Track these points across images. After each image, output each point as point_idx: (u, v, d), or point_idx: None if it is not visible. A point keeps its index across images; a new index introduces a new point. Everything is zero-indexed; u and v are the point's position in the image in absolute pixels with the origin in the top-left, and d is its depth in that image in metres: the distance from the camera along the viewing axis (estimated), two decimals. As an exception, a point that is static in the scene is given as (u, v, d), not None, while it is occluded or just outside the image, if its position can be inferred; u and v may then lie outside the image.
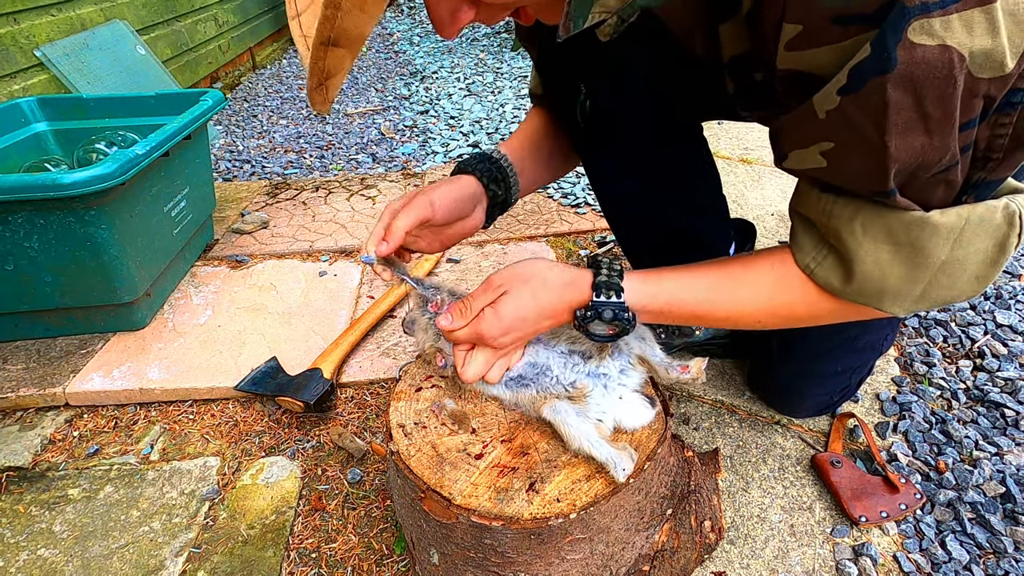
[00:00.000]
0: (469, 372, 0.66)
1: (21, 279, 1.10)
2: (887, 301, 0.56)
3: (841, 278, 0.57)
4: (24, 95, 1.79)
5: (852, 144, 0.48)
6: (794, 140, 0.53)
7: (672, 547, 0.70)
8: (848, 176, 0.51)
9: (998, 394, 1.00)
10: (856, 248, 0.54)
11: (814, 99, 0.48)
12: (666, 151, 0.84)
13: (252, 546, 0.83)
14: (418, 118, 2.55)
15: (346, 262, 1.47)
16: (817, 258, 0.58)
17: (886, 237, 0.52)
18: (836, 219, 0.55)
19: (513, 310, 0.63)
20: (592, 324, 0.63)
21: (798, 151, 0.53)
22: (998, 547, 0.78)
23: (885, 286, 0.55)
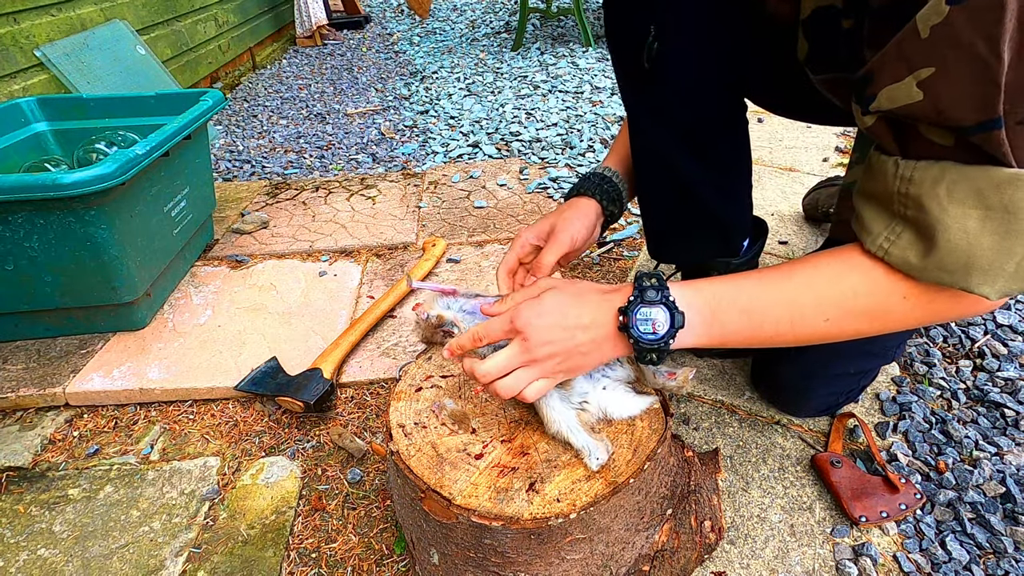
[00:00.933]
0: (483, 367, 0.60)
1: (21, 279, 1.10)
2: (976, 277, 0.49)
3: (920, 252, 0.50)
4: (24, 95, 1.79)
5: (958, 64, 0.44)
6: (887, 74, 0.48)
7: (672, 547, 0.70)
8: (949, 106, 0.45)
9: (998, 394, 1.00)
10: (940, 214, 0.48)
11: (918, 16, 0.44)
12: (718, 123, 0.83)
13: (252, 546, 0.83)
14: (418, 118, 2.55)
15: (346, 262, 1.47)
16: (891, 237, 0.52)
17: (975, 200, 0.47)
18: (917, 185, 0.49)
19: (554, 299, 0.59)
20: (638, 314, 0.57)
21: (891, 87, 0.48)
22: (998, 547, 0.78)
23: (973, 258, 0.48)
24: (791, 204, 1.62)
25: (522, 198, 1.75)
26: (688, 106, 0.80)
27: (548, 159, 2.02)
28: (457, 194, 1.80)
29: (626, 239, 1.52)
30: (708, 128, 0.83)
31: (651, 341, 0.57)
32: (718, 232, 0.93)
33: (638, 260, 1.42)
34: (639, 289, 0.58)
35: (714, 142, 0.85)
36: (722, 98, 0.83)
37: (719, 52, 0.77)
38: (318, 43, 4.13)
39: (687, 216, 0.91)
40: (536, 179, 1.86)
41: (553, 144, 2.13)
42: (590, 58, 3.22)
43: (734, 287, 0.59)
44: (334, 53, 3.90)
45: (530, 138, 2.20)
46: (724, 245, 0.96)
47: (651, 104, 0.81)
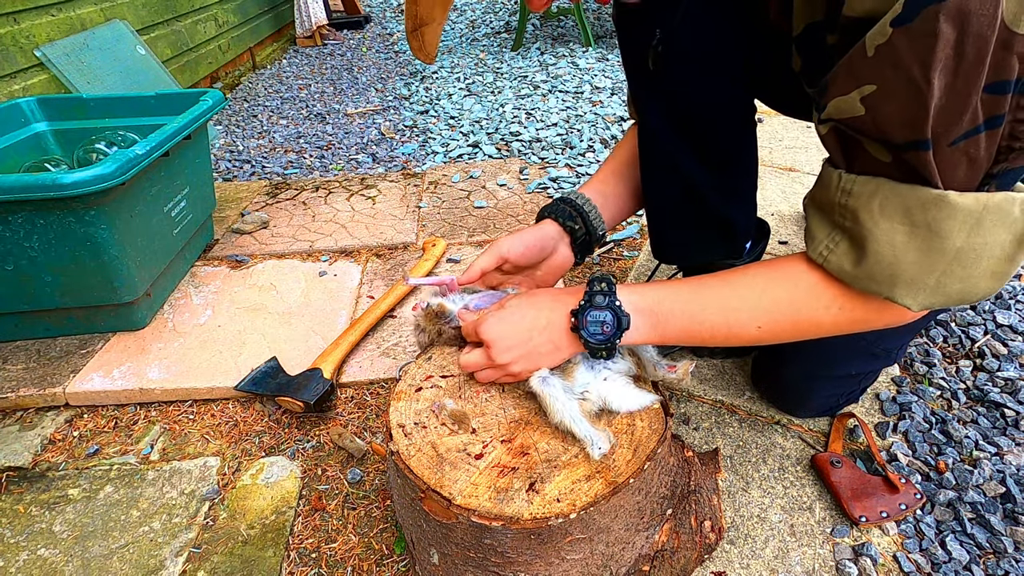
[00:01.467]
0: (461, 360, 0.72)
1: (21, 279, 1.10)
2: (900, 288, 0.54)
3: (853, 261, 0.55)
4: (24, 95, 1.79)
5: (895, 84, 0.47)
6: (838, 87, 0.52)
7: (672, 547, 0.70)
8: (885, 123, 0.49)
9: (998, 394, 1.00)
10: (872, 227, 0.52)
11: (867, 35, 0.47)
12: (724, 125, 0.85)
13: (252, 546, 0.83)
14: (418, 118, 2.55)
15: (346, 262, 1.47)
16: (830, 245, 0.57)
17: (903, 216, 0.51)
18: (855, 198, 0.53)
19: (512, 307, 0.67)
20: (588, 316, 0.64)
21: (839, 99, 0.52)
22: (998, 547, 0.78)
23: (898, 271, 0.53)
24: (791, 204, 1.62)
25: (522, 198, 1.75)
26: (693, 107, 0.82)
27: (548, 159, 2.02)
28: (457, 194, 1.80)
29: (626, 239, 1.52)
30: (714, 128, 0.85)
31: (600, 341, 0.64)
32: (722, 232, 0.94)
33: (638, 260, 1.42)
34: (589, 294, 0.64)
35: (720, 142, 0.86)
36: (728, 99, 0.84)
37: (724, 54, 0.79)
38: (318, 43, 4.13)
39: (691, 216, 0.91)
40: (536, 179, 1.86)
41: (553, 144, 2.14)
42: (590, 58, 3.22)
43: (675, 292, 0.65)
44: (334, 53, 3.90)
45: (530, 138, 2.20)
46: (727, 246, 0.96)
47: (658, 104, 0.83)
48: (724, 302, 0.63)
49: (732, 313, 0.63)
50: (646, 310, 0.64)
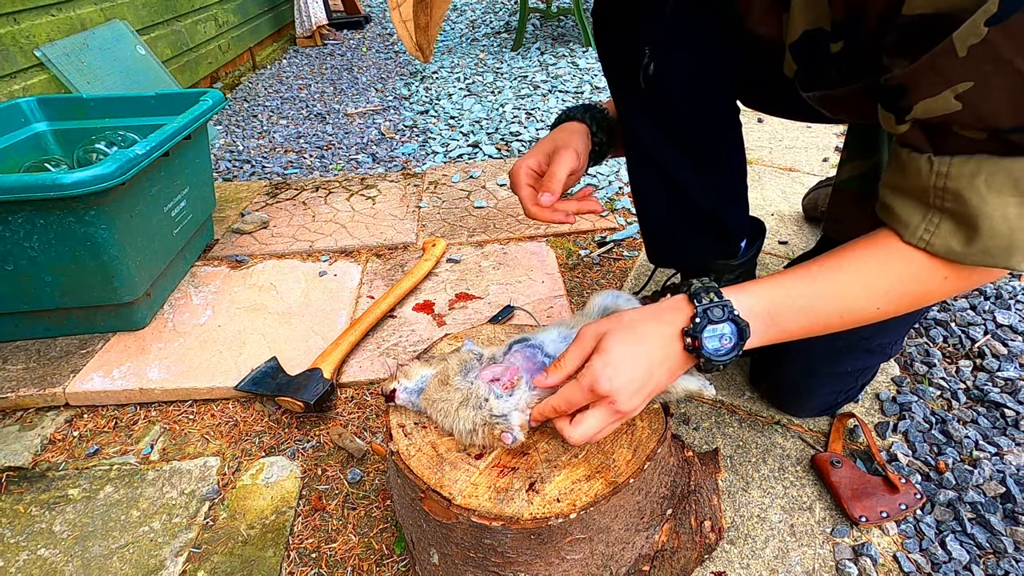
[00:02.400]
0: (576, 433, 0.58)
1: (21, 279, 1.10)
2: (1017, 256, 0.53)
3: (963, 240, 0.54)
4: (24, 95, 1.79)
5: (996, 78, 0.46)
6: (924, 89, 0.51)
7: (672, 547, 0.70)
8: (988, 114, 0.49)
9: (998, 394, 1.00)
10: (981, 205, 0.51)
11: (955, 36, 0.47)
12: (713, 129, 0.86)
13: (252, 546, 0.83)
14: (418, 118, 2.55)
15: (346, 262, 1.47)
16: (930, 228, 0.55)
17: (1012, 189, 0.50)
18: (955, 179, 0.52)
19: (620, 348, 0.57)
20: (706, 333, 0.58)
21: (927, 100, 0.51)
22: (998, 547, 0.78)
23: (1014, 241, 0.52)
24: (791, 204, 1.62)
25: (522, 198, 1.75)
26: (685, 116, 0.83)
27: (548, 159, 2.01)
28: (457, 194, 1.80)
29: (626, 239, 1.52)
30: (704, 134, 0.86)
31: (722, 357, 0.59)
32: (716, 234, 0.94)
33: (638, 260, 1.42)
34: (702, 308, 0.58)
35: (710, 146, 0.87)
36: (717, 106, 0.85)
37: (713, 64, 0.80)
38: (318, 43, 4.13)
39: (685, 219, 0.92)
40: (536, 179, 1.86)
41: (553, 144, 2.13)
42: (590, 58, 3.22)
43: (789, 287, 0.61)
44: (334, 53, 3.90)
45: (530, 138, 2.20)
46: (722, 246, 0.96)
47: (648, 115, 0.84)
48: (840, 290, 0.60)
49: (850, 300, 0.60)
50: (763, 314, 0.60)
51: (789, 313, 0.60)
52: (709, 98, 0.83)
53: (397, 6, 0.61)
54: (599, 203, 0.82)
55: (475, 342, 0.79)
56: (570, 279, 1.37)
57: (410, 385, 0.70)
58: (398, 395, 0.70)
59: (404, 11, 0.61)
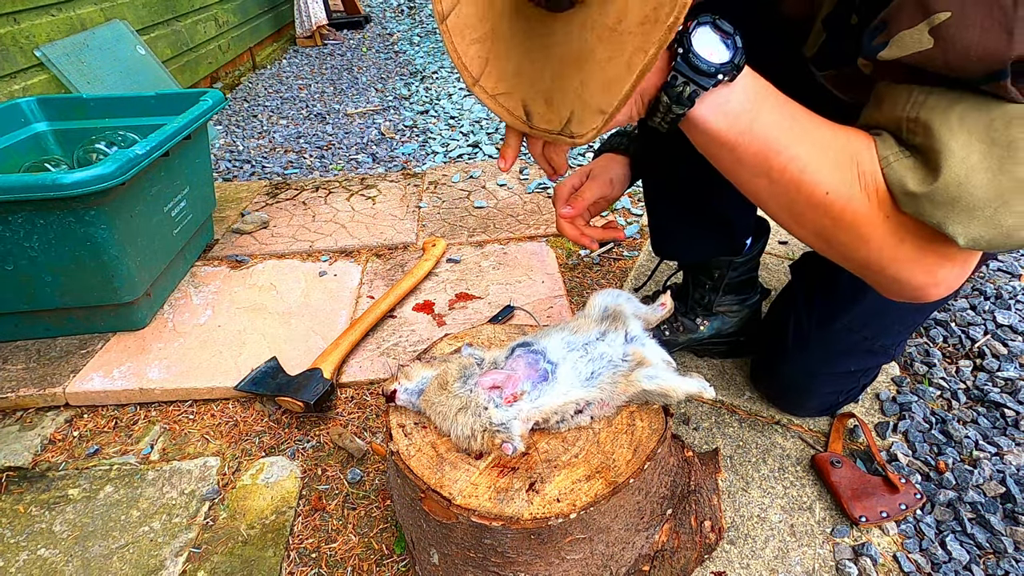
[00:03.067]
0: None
1: (21, 279, 1.10)
2: (956, 216, 0.48)
3: (919, 180, 0.50)
4: (24, 95, 1.79)
5: (973, 7, 0.44)
6: (904, 19, 0.47)
7: (672, 547, 0.70)
8: (959, 54, 0.45)
9: (998, 394, 1.00)
10: (949, 139, 0.47)
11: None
12: None
13: (252, 546, 0.83)
14: (418, 118, 2.55)
15: (346, 262, 1.47)
16: (898, 155, 0.51)
17: (983, 132, 0.47)
18: (929, 109, 0.48)
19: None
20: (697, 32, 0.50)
21: (903, 33, 0.47)
22: (998, 547, 0.78)
23: (961, 193, 0.48)
24: (791, 204, 1.62)
25: (522, 198, 1.75)
26: None
27: (548, 159, 2.02)
28: (457, 194, 1.80)
29: (626, 239, 1.52)
30: None
31: (704, 63, 0.50)
32: (724, 231, 0.95)
33: (638, 260, 1.42)
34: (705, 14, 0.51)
35: None
36: None
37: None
38: (318, 43, 4.13)
39: (695, 217, 0.93)
40: (536, 179, 1.86)
41: (553, 144, 2.13)
42: (590, 58, 3.21)
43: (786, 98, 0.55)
44: (334, 53, 3.90)
45: (530, 138, 2.20)
46: (728, 242, 0.97)
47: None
48: (821, 133, 0.54)
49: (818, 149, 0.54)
50: (758, 81, 0.53)
51: (776, 106, 0.54)
52: None
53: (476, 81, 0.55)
54: (622, 231, 0.86)
55: (475, 344, 0.79)
56: (570, 279, 1.37)
57: (411, 386, 0.71)
58: (398, 396, 0.70)
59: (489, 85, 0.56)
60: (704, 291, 1.03)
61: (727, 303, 1.04)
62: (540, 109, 0.51)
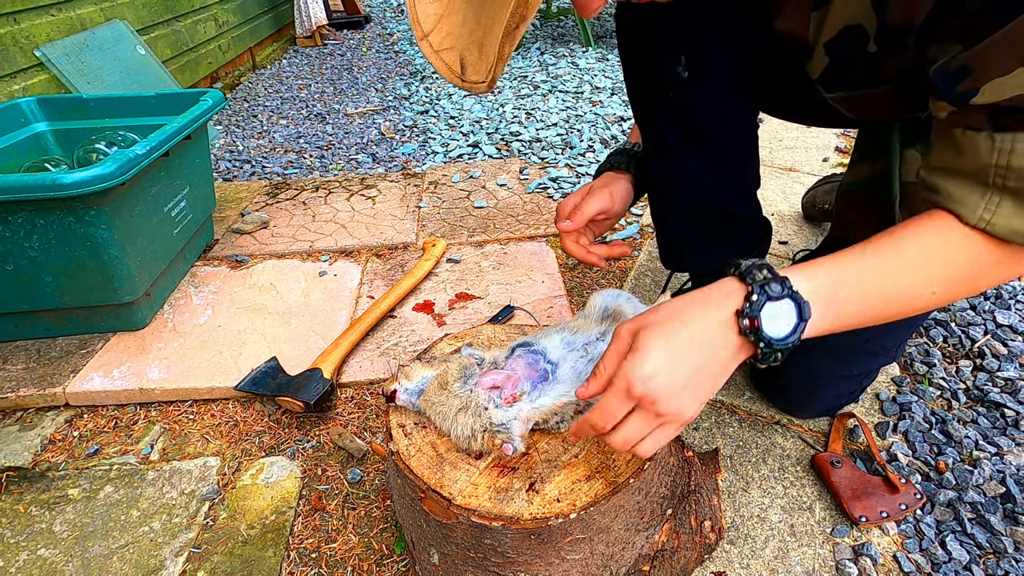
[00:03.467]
0: (617, 439, 0.53)
1: (21, 279, 1.10)
2: None
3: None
4: (24, 95, 1.79)
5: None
6: (992, 69, 0.49)
7: (672, 547, 0.70)
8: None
9: (998, 394, 1.00)
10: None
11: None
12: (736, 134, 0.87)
13: (252, 546, 0.83)
14: (418, 118, 2.55)
15: (346, 262, 1.47)
16: (990, 208, 0.53)
17: None
18: (1019, 155, 0.50)
19: (658, 343, 0.50)
20: (764, 312, 0.51)
21: (997, 81, 0.48)
22: (998, 547, 0.78)
23: None
24: (791, 204, 1.62)
25: (522, 198, 1.75)
26: (714, 122, 0.84)
27: (548, 159, 2.02)
28: (457, 194, 1.80)
29: (626, 239, 1.52)
30: (728, 137, 0.87)
31: (783, 342, 0.51)
32: (733, 231, 0.95)
33: (638, 260, 1.42)
34: (758, 284, 0.52)
35: (733, 148, 0.88)
36: (743, 110, 0.86)
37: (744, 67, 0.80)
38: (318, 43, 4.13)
39: (705, 220, 0.93)
40: (536, 179, 1.86)
41: (553, 144, 2.13)
42: (590, 58, 3.22)
43: (847, 268, 0.56)
44: (334, 53, 3.90)
45: (530, 138, 2.20)
46: (740, 243, 0.97)
47: (672, 122, 0.84)
48: (898, 272, 0.55)
49: (906, 284, 0.56)
50: (823, 296, 0.53)
51: (848, 296, 0.55)
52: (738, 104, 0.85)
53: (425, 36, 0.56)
54: (628, 248, 0.90)
55: (475, 344, 0.79)
56: (570, 279, 1.37)
57: (411, 386, 0.71)
58: (398, 396, 0.71)
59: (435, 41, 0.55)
60: None
61: None
62: (472, 58, 0.52)
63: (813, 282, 0.54)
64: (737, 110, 0.85)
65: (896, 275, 0.55)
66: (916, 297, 0.56)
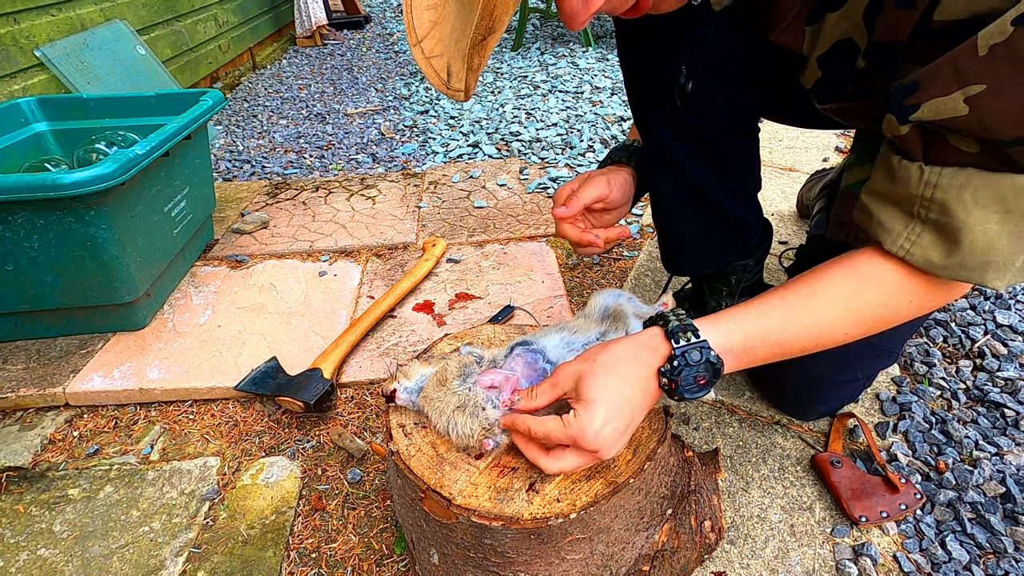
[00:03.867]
0: (554, 467, 0.59)
1: (21, 279, 1.10)
2: (991, 273, 0.54)
3: (943, 252, 0.55)
4: (24, 95, 1.79)
5: (1012, 82, 0.46)
6: (937, 88, 0.50)
7: (672, 547, 0.70)
8: (993, 122, 0.48)
9: (998, 394, 1.00)
10: (966, 218, 0.52)
11: (980, 34, 0.46)
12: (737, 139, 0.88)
13: (252, 546, 0.83)
14: (418, 118, 2.55)
15: (346, 262, 1.47)
16: (911, 237, 0.56)
17: (997, 205, 0.51)
18: (943, 190, 0.53)
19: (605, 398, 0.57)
20: (683, 375, 0.58)
21: (936, 100, 0.50)
22: (998, 547, 0.78)
23: (990, 257, 0.53)
24: (791, 204, 1.62)
25: (522, 198, 1.75)
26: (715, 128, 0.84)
27: (548, 159, 2.02)
28: (457, 194, 1.80)
29: (626, 239, 1.52)
30: (729, 142, 0.87)
31: (695, 394, 0.59)
32: (735, 235, 0.96)
33: (638, 260, 1.42)
34: (680, 351, 0.58)
35: (734, 153, 0.89)
36: (744, 115, 0.86)
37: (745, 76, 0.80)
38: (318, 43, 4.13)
39: (708, 224, 0.93)
40: (536, 179, 1.86)
41: (553, 144, 2.13)
42: (590, 58, 3.22)
43: (759, 319, 0.61)
44: (334, 53, 3.90)
45: (530, 138, 2.20)
46: (743, 245, 0.97)
47: (675, 128, 0.85)
48: (811, 318, 0.61)
49: (820, 327, 0.61)
50: (738, 349, 0.60)
51: (762, 346, 0.61)
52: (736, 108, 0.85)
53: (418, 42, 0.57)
54: (627, 229, 0.87)
55: (475, 344, 0.79)
56: (570, 279, 1.37)
57: (410, 385, 0.70)
58: (398, 395, 0.70)
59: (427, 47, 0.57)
60: (721, 297, 1.04)
61: None
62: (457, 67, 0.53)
63: (730, 339, 0.60)
64: (738, 115, 0.86)
65: (809, 322, 0.60)
66: (828, 339, 0.62)
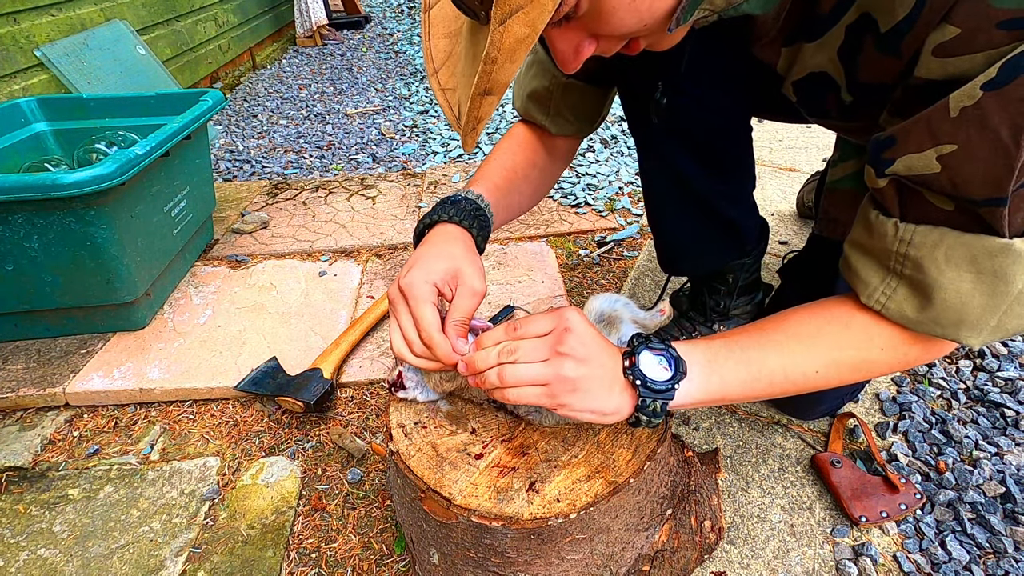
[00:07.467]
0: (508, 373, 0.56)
1: (21, 279, 1.10)
2: (964, 330, 0.55)
3: (916, 307, 0.56)
4: (24, 95, 1.79)
5: (980, 145, 0.47)
6: (912, 144, 0.51)
7: (672, 547, 0.70)
8: (964, 182, 0.49)
9: (998, 394, 1.00)
10: (938, 277, 0.53)
11: (952, 95, 0.47)
12: (729, 141, 0.88)
13: (252, 546, 0.83)
14: (418, 118, 2.55)
15: (346, 262, 1.47)
16: (887, 292, 0.57)
17: (969, 265, 0.52)
18: (917, 248, 0.53)
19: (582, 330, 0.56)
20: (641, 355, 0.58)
21: (911, 155, 0.51)
22: (998, 547, 0.78)
23: (964, 316, 0.54)
24: (791, 204, 1.62)
25: (522, 198, 1.75)
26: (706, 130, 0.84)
27: (548, 159, 2.01)
28: (457, 194, 1.80)
29: (626, 239, 1.52)
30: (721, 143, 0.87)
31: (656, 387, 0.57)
32: (732, 236, 0.96)
33: (638, 260, 1.42)
34: (639, 341, 0.60)
35: (727, 153, 0.88)
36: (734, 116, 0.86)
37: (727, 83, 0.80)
38: (318, 43, 4.13)
39: (704, 226, 0.93)
40: (536, 179, 1.86)
41: (553, 144, 2.13)
42: (590, 58, 3.21)
43: (728, 343, 0.62)
44: (334, 53, 3.90)
45: (530, 138, 2.20)
46: (739, 246, 0.97)
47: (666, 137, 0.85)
48: (781, 347, 0.61)
49: (790, 357, 0.61)
50: (702, 360, 0.60)
51: (728, 363, 0.60)
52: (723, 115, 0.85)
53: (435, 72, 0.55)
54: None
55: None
56: (570, 279, 1.37)
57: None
58: (404, 376, 0.70)
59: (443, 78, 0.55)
60: (720, 297, 1.04)
61: (740, 305, 1.05)
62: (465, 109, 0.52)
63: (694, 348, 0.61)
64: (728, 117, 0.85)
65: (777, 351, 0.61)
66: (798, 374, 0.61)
